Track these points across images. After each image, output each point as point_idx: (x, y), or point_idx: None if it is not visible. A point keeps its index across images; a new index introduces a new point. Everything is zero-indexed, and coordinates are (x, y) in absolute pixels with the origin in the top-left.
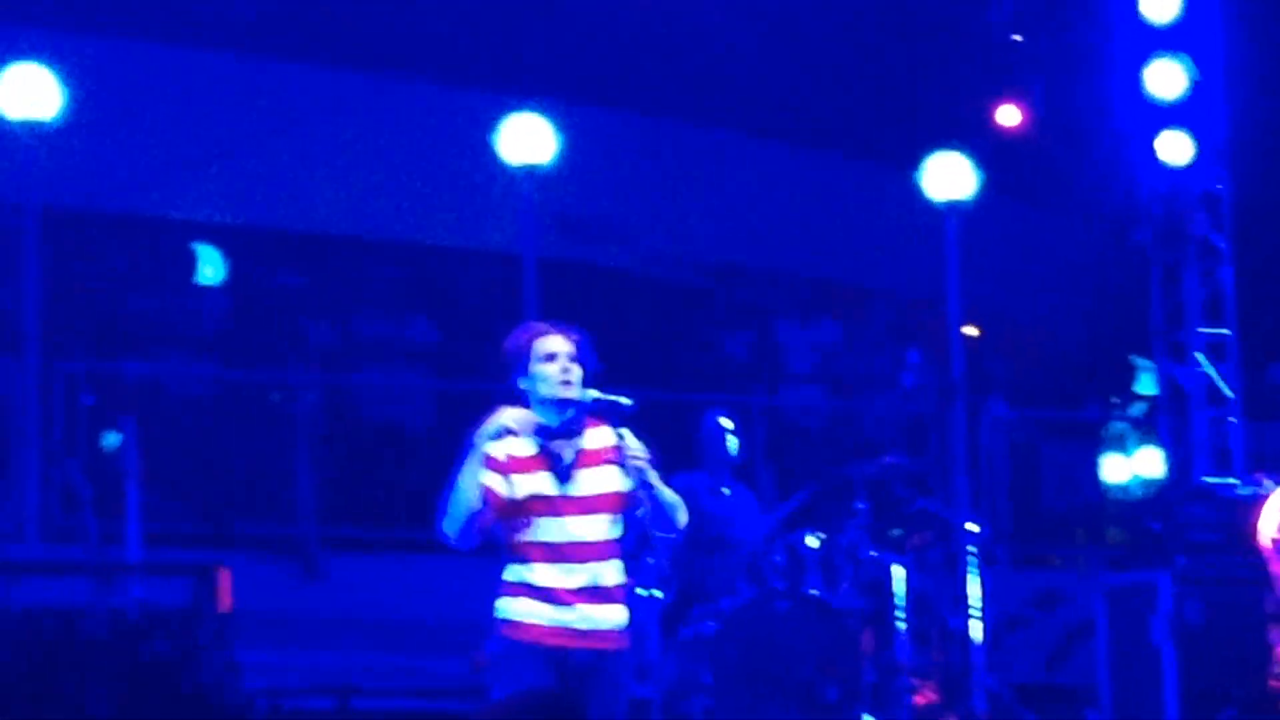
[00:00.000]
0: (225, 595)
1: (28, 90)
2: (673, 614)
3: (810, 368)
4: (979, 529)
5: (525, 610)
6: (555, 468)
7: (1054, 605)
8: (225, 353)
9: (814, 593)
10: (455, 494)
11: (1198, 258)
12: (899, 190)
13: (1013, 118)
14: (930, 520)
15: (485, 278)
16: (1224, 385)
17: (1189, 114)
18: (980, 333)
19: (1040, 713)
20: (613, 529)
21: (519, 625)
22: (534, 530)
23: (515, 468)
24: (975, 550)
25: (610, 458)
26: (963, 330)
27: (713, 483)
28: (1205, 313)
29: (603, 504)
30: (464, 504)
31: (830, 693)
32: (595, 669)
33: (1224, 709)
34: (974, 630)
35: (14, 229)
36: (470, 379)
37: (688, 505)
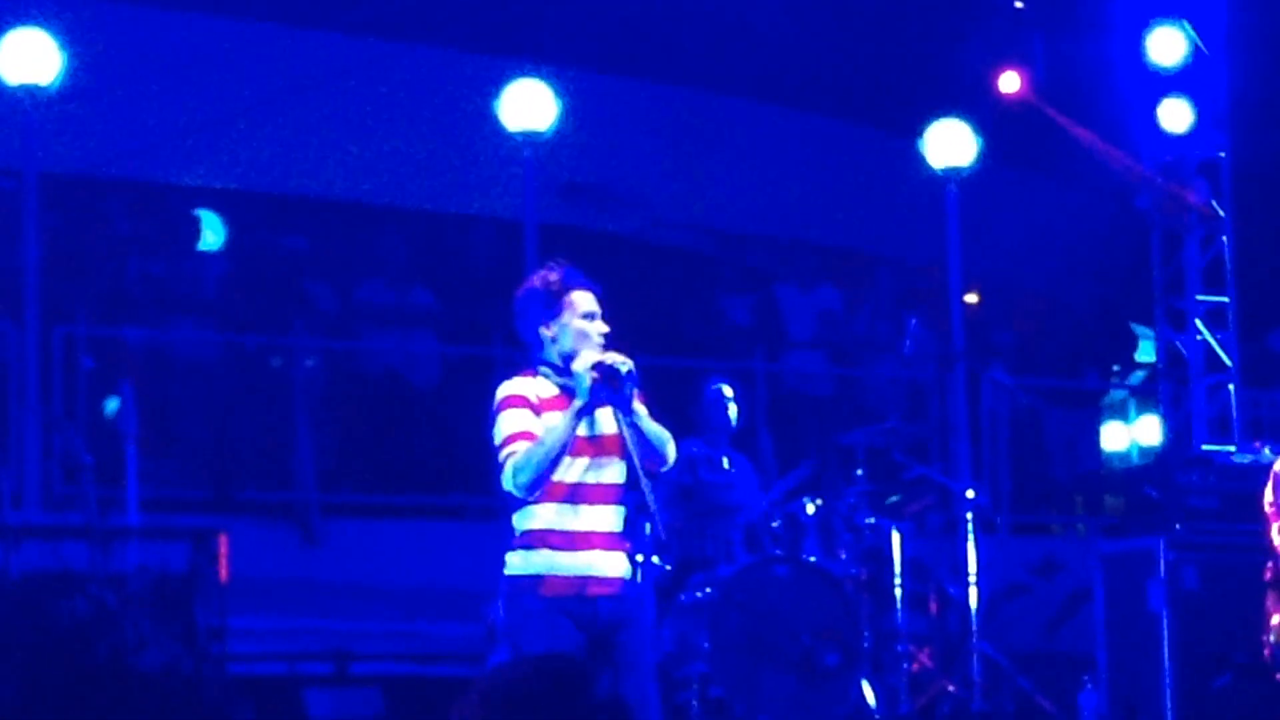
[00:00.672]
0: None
1: (28, 55)
2: (671, 581)
3: (811, 334)
4: (977, 496)
5: (543, 560)
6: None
7: (1052, 572)
8: (225, 317)
9: (812, 559)
10: (547, 446)
11: (1198, 225)
12: (901, 157)
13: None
14: (929, 487)
15: (487, 243)
16: (1223, 353)
17: (1189, 81)
18: (980, 300)
19: (1037, 680)
20: (624, 469)
21: (535, 579)
22: (559, 472)
23: (545, 408)
24: (973, 517)
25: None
26: (964, 298)
27: (711, 451)
28: (1205, 280)
29: (615, 446)
30: (553, 456)
31: (828, 658)
32: (615, 620)
33: (1220, 675)
34: (971, 597)
35: (14, 193)
36: (472, 344)
37: (686, 473)
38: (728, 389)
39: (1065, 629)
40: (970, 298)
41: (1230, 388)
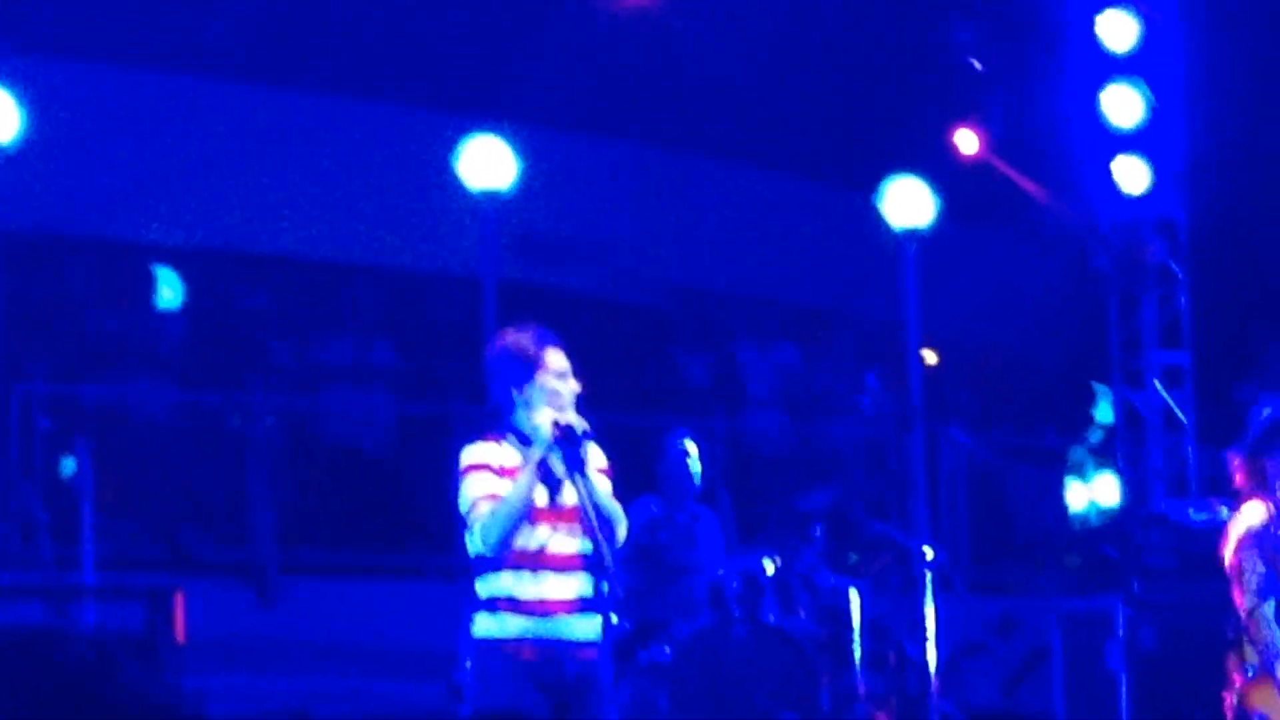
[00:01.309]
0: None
1: None
2: (629, 641)
3: (770, 391)
4: (935, 554)
5: (509, 625)
6: (548, 479)
7: (1010, 631)
8: (183, 375)
9: (770, 619)
10: (511, 503)
11: (1155, 284)
12: (858, 214)
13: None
14: (887, 545)
15: (445, 300)
16: (1180, 411)
17: (1147, 141)
18: (939, 358)
19: None
20: (581, 541)
21: (501, 643)
22: (521, 540)
23: (508, 475)
24: (932, 576)
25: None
26: (922, 356)
27: (670, 508)
28: (1162, 339)
29: (576, 516)
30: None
31: (787, 719)
32: (577, 682)
33: None
34: (930, 656)
35: None
36: (430, 402)
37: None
38: (690, 443)
39: (1024, 687)
40: (929, 356)
41: (1188, 446)
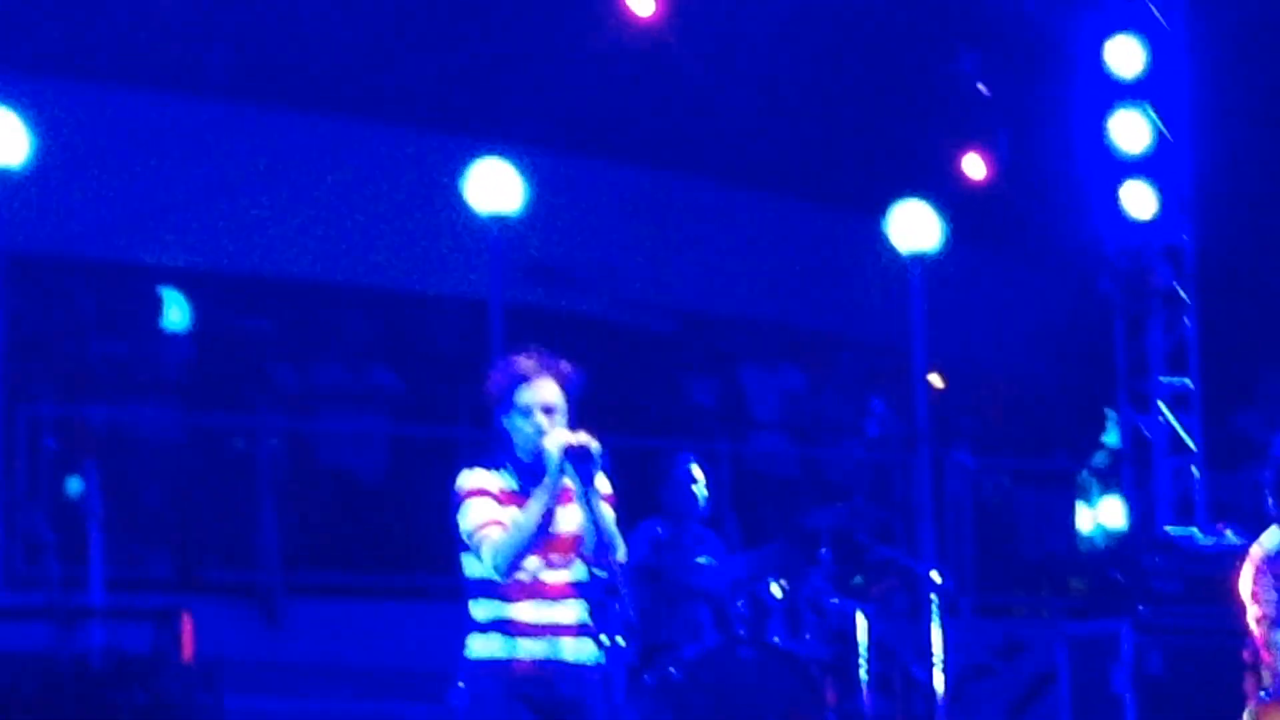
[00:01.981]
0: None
1: None
2: (636, 663)
3: (775, 415)
4: (942, 578)
5: (503, 647)
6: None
7: (1016, 655)
8: (189, 397)
9: (777, 641)
10: (524, 528)
11: (1161, 309)
12: (865, 238)
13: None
14: (893, 569)
15: (452, 323)
16: (1186, 435)
17: (1154, 166)
18: (945, 382)
19: None
20: (582, 567)
21: (495, 664)
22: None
23: (505, 501)
24: (938, 599)
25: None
26: (928, 379)
27: (676, 530)
28: (1168, 363)
29: (576, 542)
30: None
31: None
32: (572, 704)
33: None
34: (936, 679)
35: None
36: (436, 426)
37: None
38: (696, 467)
39: (1029, 711)
40: (936, 380)
41: (1194, 470)
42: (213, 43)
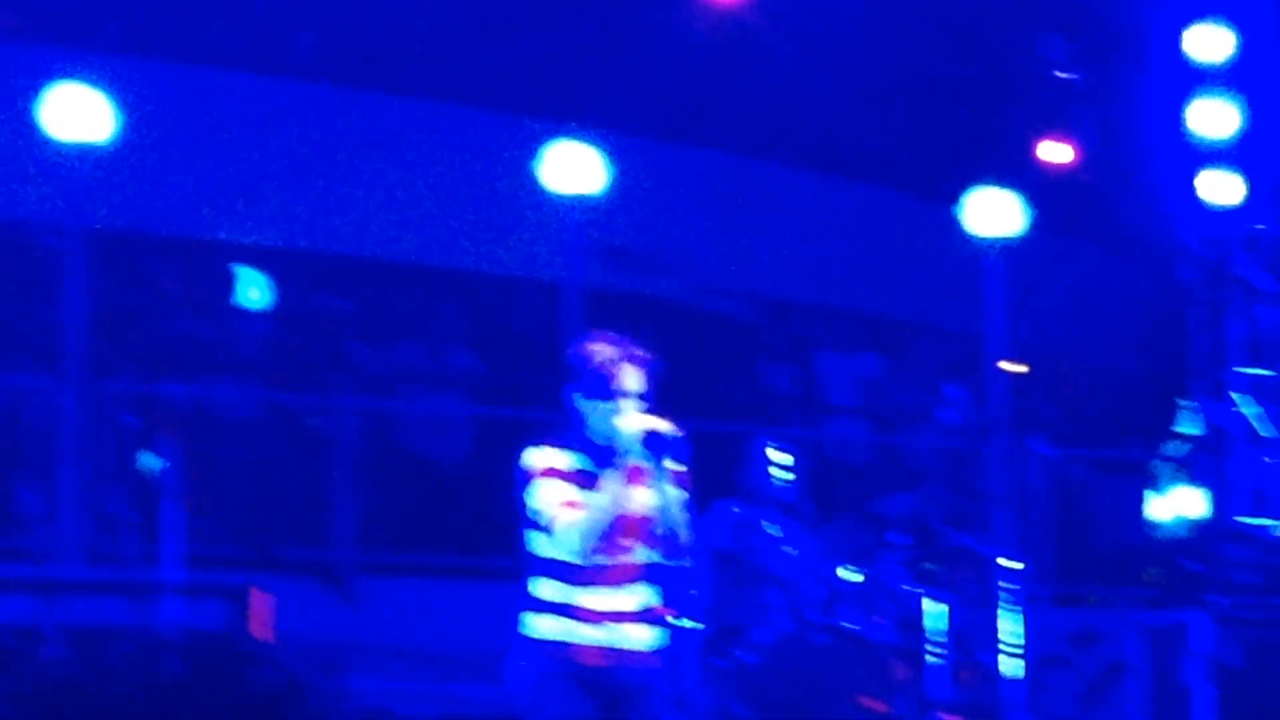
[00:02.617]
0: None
1: (78, 112)
2: (710, 645)
3: (852, 401)
4: (1020, 565)
5: (558, 629)
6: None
7: (1091, 644)
8: (268, 376)
9: (850, 626)
10: (600, 510)
11: (1241, 298)
12: (944, 225)
13: (1061, 155)
14: (968, 556)
15: (530, 306)
16: (1263, 426)
17: (1238, 154)
18: (1027, 369)
19: None
20: (647, 550)
21: (552, 644)
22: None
23: (574, 480)
24: (1015, 587)
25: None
26: (1008, 367)
27: (753, 513)
28: (1247, 352)
29: (641, 525)
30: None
31: None
32: (632, 689)
33: None
34: (1010, 667)
35: (61, 250)
36: (512, 408)
37: (728, 538)
38: (774, 450)
39: (1103, 702)
40: (1016, 367)
41: (1270, 460)
42: (297, 24)
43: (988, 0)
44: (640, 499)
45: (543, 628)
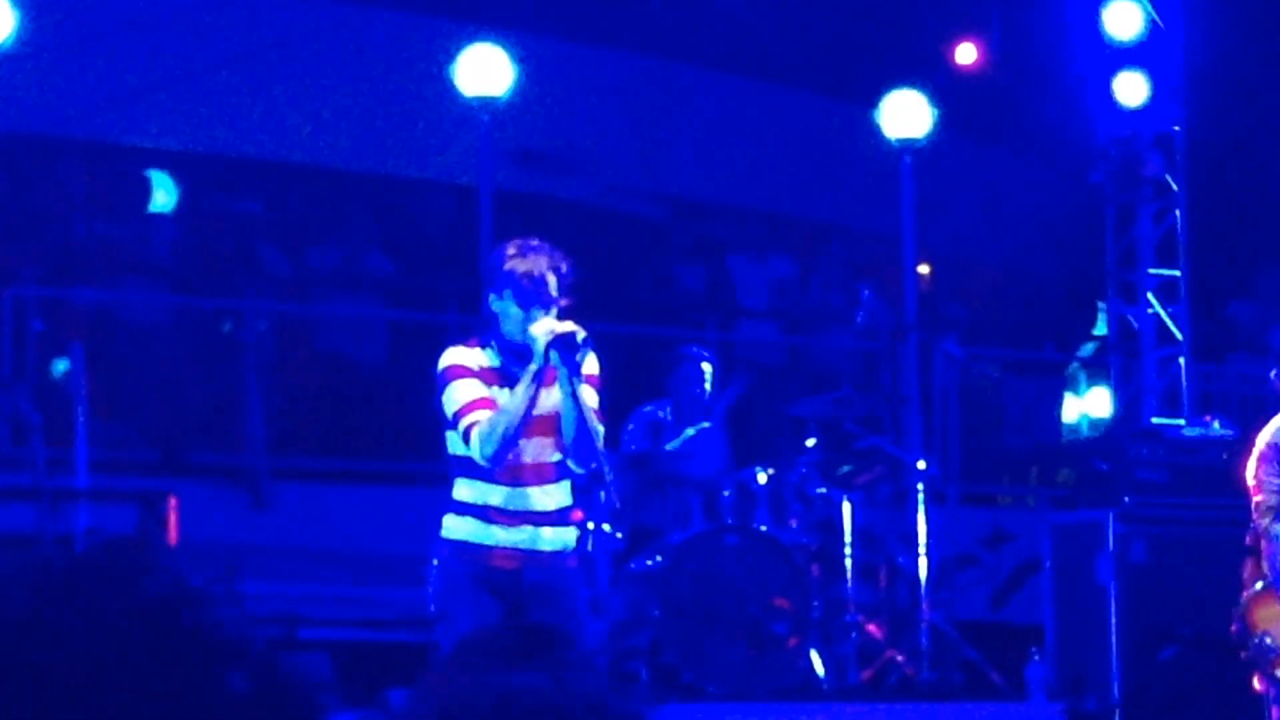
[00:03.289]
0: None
1: None
2: (624, 549)
3: (764, 303)
4: (928, 466)
5: (474, 530)
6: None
7: (1001, 544)
8: (177, 280)
9: (763, 528)
10: (511, 414)
11: (1152, 199)
12: (856, 127)
13: (971, 55)
14: (880, 457)
15: (442, 208)
16: (1174, 326)
17: (1145, 55)
18: (932, 271)
19: (985, 651)
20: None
21: (469, 546)
22: None
23: (487, 380)
24: (924, 488)
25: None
26: (917, 269)
27: (679, 419)
28: (1157, 254)
29: (555, 426)
30: (518, 423)
31: (777, 627)
32: (546, 591)
33: (1166, 648)
34: (921, 568)
35: None
36: (424, 310)
37: (645, 439)
38: (707, 364)
39: (1013, 600)
40: (923, 269)
41: (1181, 361)
42: None
43: None
44: (554, 401)
45: (459, 529)
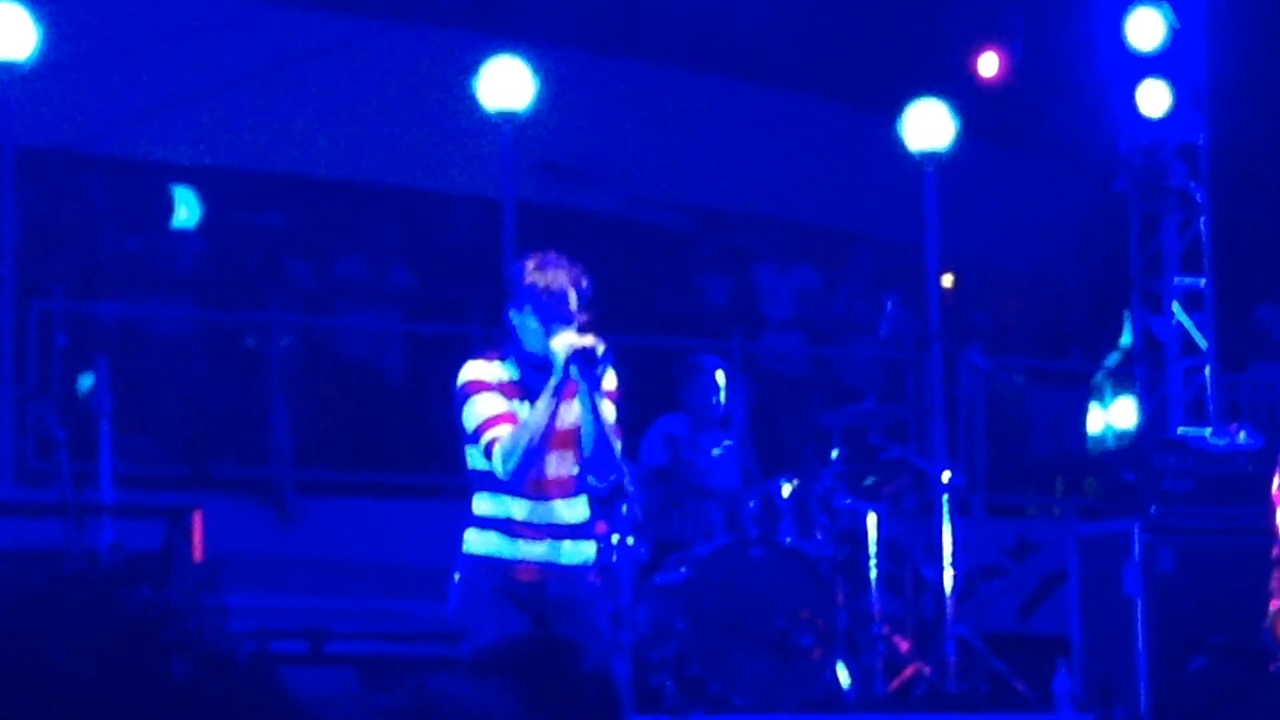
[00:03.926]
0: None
1: (3, 29)
2: (647, 562)
3: (789, 314)
4: (953, 477)
5: (496, 544)
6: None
7: (1027, 554)
8: (202, 294)
9: (788, 540)
10: (532, 428)
11: (1176, 208)
12: (879, 136)
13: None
14: (905, 468)
15: (465, 221)
16: (1199, 335)
17: (1168, 64)
18: (958, 281)
19: (1012, 662)
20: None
21: (491, 561)
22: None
23: (506, 393)
24: (949, 499)
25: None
26: (941, 279)
27: (695, 430)
28: (1182, 263)
29: (576, 440)
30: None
31: (803, 639)
32: (569, 604)
33: (1195, 658)
34: (946, 579)
35: None
36: (449, 323)
37: (665, 452)
38: (720, 373)
39: (1040, 611)
40: (947, 279)
41: (1206, 370)
42: None
43: None
44: (574, 415)
45: (481, 543)
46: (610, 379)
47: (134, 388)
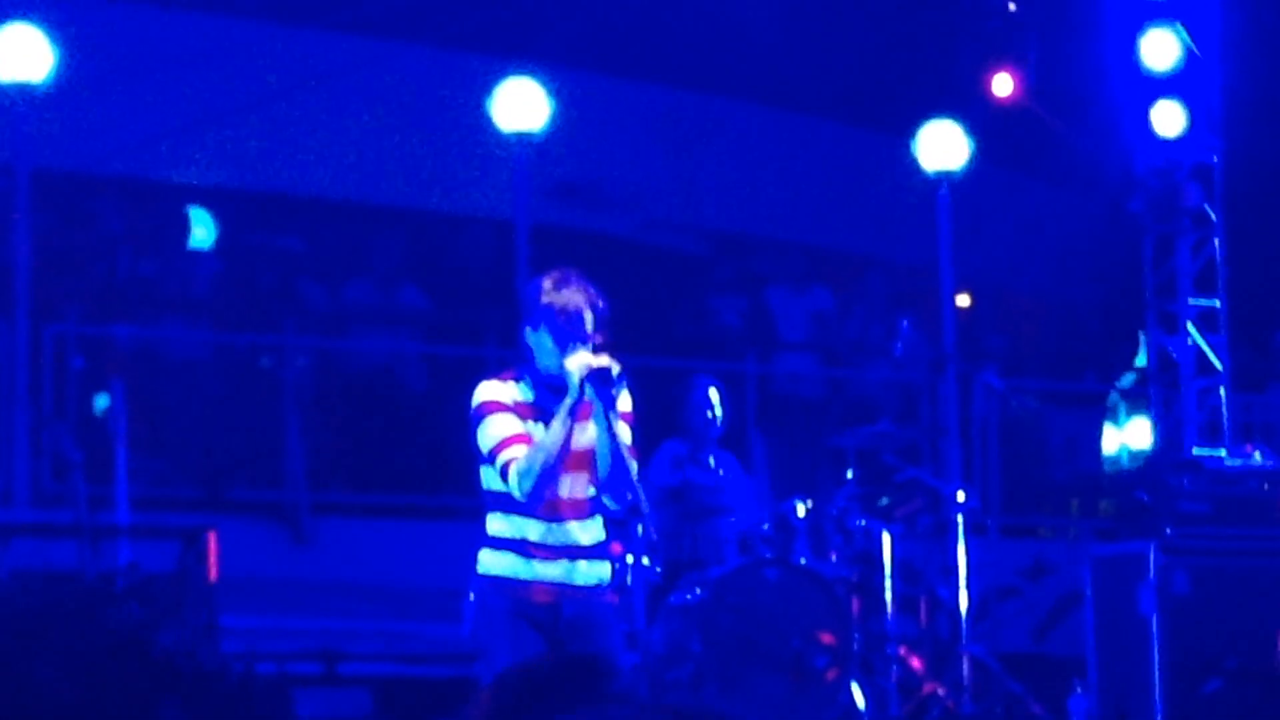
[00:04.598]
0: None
1: (20, 51)
2: (661, 583)
3: (803, 335)
4: (967, 498)
5: (512, 565)
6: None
7: (1042, 575)
8: (216, 316)
9: (802, 561)
10: (548, 449)
11: (1190, 229)
12: (893, 158)
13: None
14: (919, 489)
15: (479, 243)
16: (1214, 356)
17: (1183, 84)
18: (971, 301)
19: (1027, 683)
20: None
21: (506, 581)
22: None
23: (521, 414)
24: (963, 520)
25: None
26: (955, 300)
27: (695, 451)
28: (1196, 284)
29: (591, 461)
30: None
31: (818, 661)
32: (584, 625)
33: (1210, 680)
34: (961, 600)
35: (5, 190)
36: (462, 345)
37: (674, 474)
38: (713, 390)
39: (1055, 632)
40: (962, 300)
41: (1221, 391)
42: None
43: None
44: (589, 436)
45: (496, 564)
46: (625, 401)
47: (149, 410)
